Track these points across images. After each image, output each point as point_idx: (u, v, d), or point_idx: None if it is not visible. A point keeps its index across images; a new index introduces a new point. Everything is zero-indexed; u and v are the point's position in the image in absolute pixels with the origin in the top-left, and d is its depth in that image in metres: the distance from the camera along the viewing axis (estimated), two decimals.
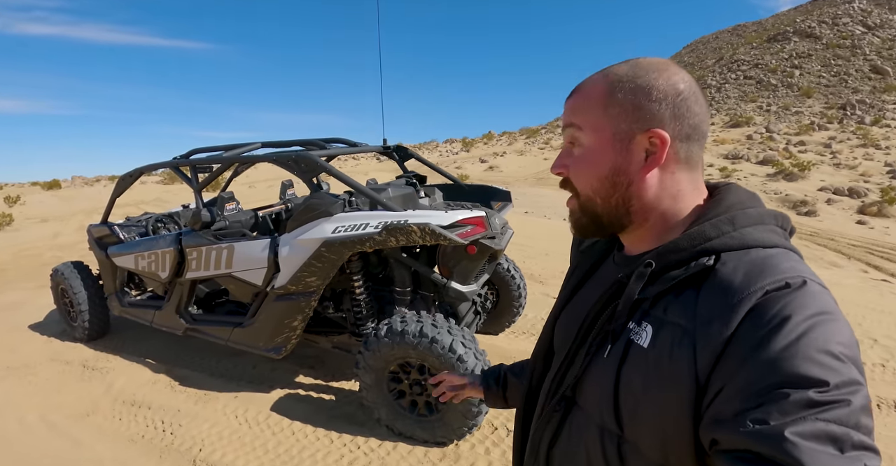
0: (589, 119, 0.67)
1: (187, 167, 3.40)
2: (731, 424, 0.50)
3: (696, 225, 0.64)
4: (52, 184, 24.37)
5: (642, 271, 0.63)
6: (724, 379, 0.52)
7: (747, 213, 0.63)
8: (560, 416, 0.73)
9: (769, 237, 0.61)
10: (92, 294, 4.16)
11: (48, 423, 3.09)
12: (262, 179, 20.52)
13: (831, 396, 0.47)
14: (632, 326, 0.63)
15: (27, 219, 14.07)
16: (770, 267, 0.55)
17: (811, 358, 0.48)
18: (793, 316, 0.50)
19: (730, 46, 54.45)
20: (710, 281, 0.58)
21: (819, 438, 0.46)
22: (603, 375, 0.65)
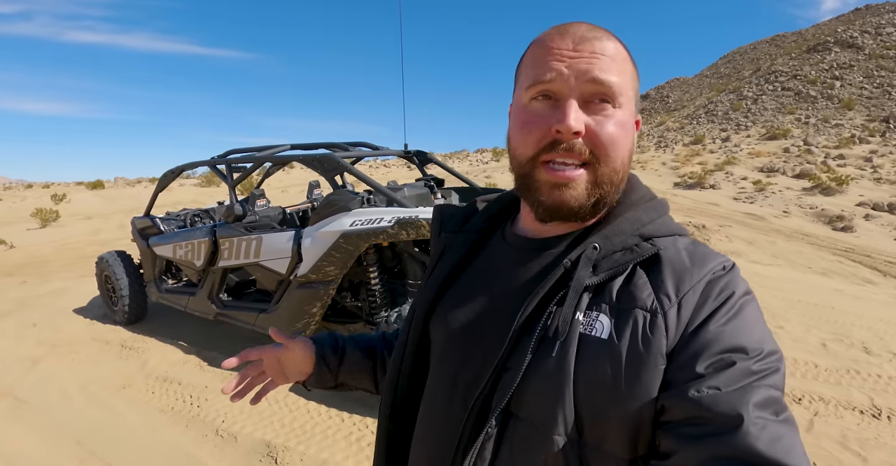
0: (629, 88, 0.61)
1: (223, 166, 3.67)
2: (681, 390, 0.51)
3: (622, 209, 0.65)
4: (95, 184, 25.43)
5: (589, 255, 0.60)
6: (679, 350, 0.53)
7: (659, 203, 0.67)
8: (497, 434, 0.59)
9: (677, 226, 0.66)
10: (132, 281, 4.46)
11: (87, 394, 3.35)
12: (294, 184, 21.06)
13: (766, 363, 0.51)
14: (579, 317, 0.58)
15: (72, 216, 14.80)
16: (707, 253, 0.60)
17: (748, 330, 0.53)
18: (734, 293, 0.56)
19: (768, 57, 53.31)
20: (658, 266, 0.58)
21: (763, 404, 0.48)
22: (555, 377, 0.56)
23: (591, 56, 0.58)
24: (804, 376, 3.25)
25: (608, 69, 0.58)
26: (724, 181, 17.73)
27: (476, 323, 0.68)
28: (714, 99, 40.79)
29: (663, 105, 63.85)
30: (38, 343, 4.29)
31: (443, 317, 0.72)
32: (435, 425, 0.69)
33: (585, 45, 0.59)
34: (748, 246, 9.32)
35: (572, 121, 0.57)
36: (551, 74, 0.59)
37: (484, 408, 0.61)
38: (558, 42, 0.60)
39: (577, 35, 0.60)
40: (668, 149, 27.21)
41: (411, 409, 0.76)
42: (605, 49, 0.59)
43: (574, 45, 0.59)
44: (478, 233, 0.78)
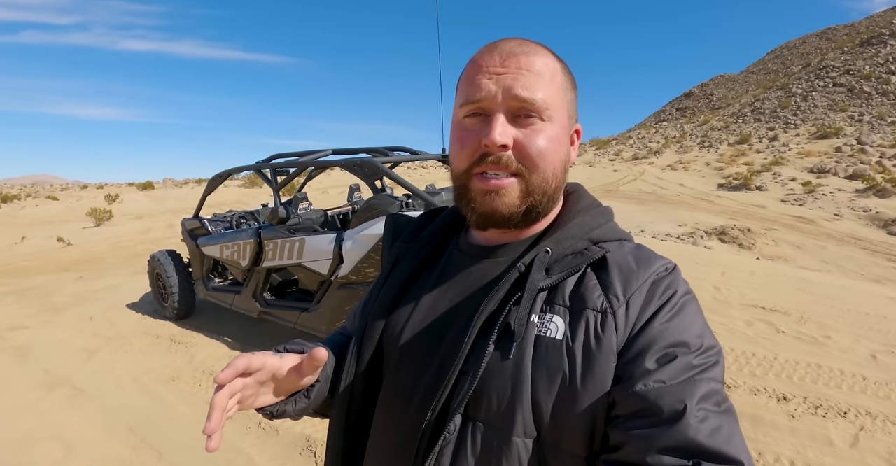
0: (556, 100, 0.63)
1: (268, 170, 3.82)
2: (628, 385, 0.54)
3: (571, 215, 0.68)
4: (145, 185, 26.59)
5: (542, 258, 0.62)
6: (627, 347, 0.56)
7: (606, 209, 0.72)
8: (456, 437, 0.60)
9: (623, 231, 0.70)
10: (182, 278, 4.68)
11: (140, 384, 3.54)
12: (334, 185, 21.49)
13: (706, 357, 0.55)
14: (534, 319, 0.60)
15: (123, 216, 15.55)
16: (651, 256, 0.64)
17: (690, 326, 0.57)
18: (677, 291, 0.60)
19: (818, 51, 50.98)
20: (606, 269, 0.62)
21: (705, 397, 0.51)
22: (511, 379, 0.58)
23: (516, 72, 0.61)
24: (851, 389, 3.11)
25: (533, 85, 0.61)
26: (772, 182, 17.09)
27: (432, 330, 0.68)
28: (761, 96, 39.26)
29: (707, 103, 61.96)
30: (94, 335, 4.55)
31: (397, 327, 0.72)
32: (391, 435, 0.68)
33: (511, 61, 0.61)
34: (796, 251, 8.97)
35: (497, 135, 0.59)
36: (480, 93, 0.61)
37: (442, 414, 0.61)
38: (487, 60, 0.62)
39: (504, 51, 0.62)
40: (712, 148, 26.40)
41: (365, 423, 0.74)
42: (532, 64, 0.61)
43: (501, 62, 0.62)
44: (431, 242, 0.79)
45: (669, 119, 60.54)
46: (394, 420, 0.68)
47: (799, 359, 3.50)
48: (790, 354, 3.59)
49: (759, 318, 4.34)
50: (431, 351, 0.67)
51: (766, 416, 2.82)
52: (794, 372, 3.33)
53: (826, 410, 2.87)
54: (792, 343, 3.83)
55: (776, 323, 4.23)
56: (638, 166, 24.33)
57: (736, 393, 3.06)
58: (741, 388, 3.13)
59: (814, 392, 3.08)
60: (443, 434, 0.59)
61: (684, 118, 54.05)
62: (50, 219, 15.66)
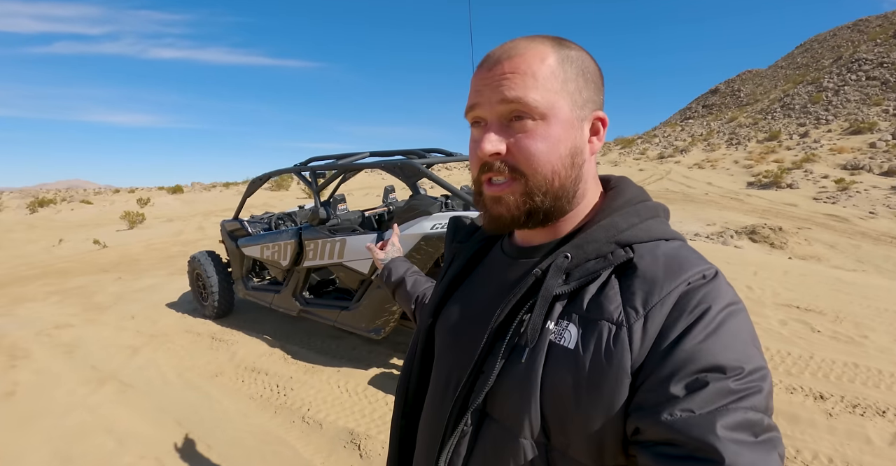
0: (548, 94, 0.61)
1: (308, 173, 3.94)
2: (654, 412, 0.50)
3: (603, 215, 0.65)
4: (175, 188, 27.21)
5: (560, 264, 0.61)
6: (650, 368, 0.52)
7: (647, 206, 0.66)
8: (472, 432, 0.64)
9: (667, 229, 0.64)
10: (222, 278, 4.84)
11: (184, 380, 3.68)
12: (358, 188, 21.74)
13: (746, 383, 0.49)
14: (550, 326, 0.59)
15: (155, 219, 15.95)
16: (685, 260, 0.58)
17: (728, 347, 0.51)
18: (712, 306, 0.53)
19: (850, 44, 49.42)
20: (631, 275, 0.58)
21: (739, 427, 0.47)
22: (523, 383, 0.59)
23: (501, 77, 0.61)
24: (889, 388, 3.09)
25: (518, 85, 0.60)
26: (803, 180, 16.70)
27: (464, 328, 0.72)
28: (790, 91, 38.27)
29: (734, 99, 60.66)
30: (137, 333, 4.74)
31: (443, 322, 0.78)
32: (429, 422, 0.74)
33: (497, 67, 0.61)
34: (830, 250, 8.78)
35: (486, 145, 0.61)
36: (473, 103, 0.64)
37: (463, 407, 0.64)
38: (479, 72, 0.64)
39: (492, 59, 0.62)
40: (741, 146, 25.87)
41: (420, 406, 0.80)
42: (517, 66, 0.60)
43: (489, 70, 0.62)
44: (482, 242, 0.82)
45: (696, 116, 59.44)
46: (432, 408, 0.74)
47: (835, 359, 3.47)
48: (826, 353, 3.56)
49: (794, 318, 4.30)
50: (462, 347, 0.70)
51: (804, 414, 2.81)
52: (830, 372, 3.30)
53: (864, 409, 2.85)
54: (828, 342, 3.79)
55: (811, 322, 4.19)
56: (664, 165, 24.00)
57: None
58: (777, 386, 3.12)
59: (851, 391, 3.06)
60: (460, 426, 0.63)
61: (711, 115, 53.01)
62: (85, 222, 16.21)
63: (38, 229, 14.60)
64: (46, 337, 4.72)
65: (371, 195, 17.19)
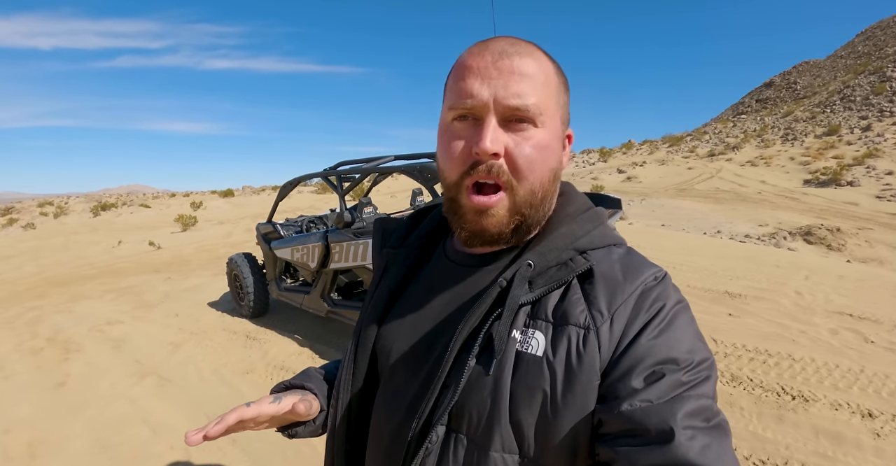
0: (551, 104, 0.60)
1: (334, 177, 4.01)
2: (615, 404, 0.52)
3: (557, 222, 0.65)
4: (226, 192, 28.32)
5: (523, 272, 0.60)
6: (613, 365, 0.54)
7: (596, 212, 0.67)
8: (438, 450, 0.60)
9: (614, 235, 0.67)
10: (257, 279, 5.00)
11: (218, 376, 3.82)
12: (402, 190, 21.98)
13: (695, 373, 0.53)
14: (516, 335, 0.58)
15: (207, 221, 16.65)
16: (638, 264, 0.61)
17: (679, 341, 0.54)
18: (665, 304, 0.57)
19: None
20: (592, 280, 0.59)
21: (693, 414, 0.50)
22: (491, 394, 0.57)
23: (508, 76, 0.57)
24: None
25: (526, 89, 0.57)
26: (865, 177, 15.68)
27: (420, 341, 0.68)
28: (851, 82, 35.99)
29: (790, 93, 57.69)
30: (180, 330, 4.96)
31: (389, 335, 0.72)
32: (383, 442, 0.68)
33: (504, 62, 0.57)
34: (893, 253, 8.19)
35: (489, 142, 0.56)
36: (470, 97, 0.58)
37: (426, 424, 0.61)
38: (478, 60, 0.58)
39: (496, 52, 0.58)
40: (797, 142, 24.56)
41: (365, 428, 0.74)
42: (525, 66, 0.57)
43: (493, 63, 0.57)
44: (418, 248, 0.78)
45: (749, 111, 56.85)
46: (385, 428, 0.69)
47: (889, 372, 3.22)
48: (879, 366, 3.31)
49: (846, 326, 4.03)
50: (419, 362, 0.67)
51: (849, 434, 2.62)
52: (882, 387, 3.06)
53: None
54: (882, 354, 3.53)
55: (865, 331, 3.91)
56: (714, 163, 23.08)
57: (814, 407, 2.86)
58: (820, 402, 2.92)
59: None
60: (424, 445, 0.60)
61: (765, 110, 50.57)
62: (143, 224, 17.12)
63: (100, 231, 15.53)
64: (98, 333, 5.01)
65: (397, 199, 17.37)
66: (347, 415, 0.74)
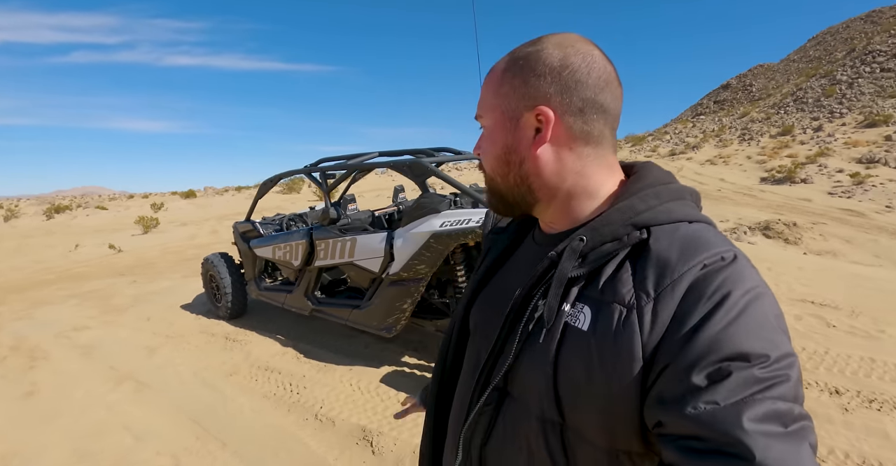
0: (486, 100, 0.68)
1: (318, 173, 3.98)
2: (677, 405, 0.48)
3: (621, 199, 0.63)
4: (188, 193, 27.54)
5: (574, 246, 0.61)
6: (668, 357, 0.50)
7: (669, 188, 0.64)
8: (492, 410, 0.67)
9: (691, 211, 0.62)
10: (235, 279, 4.90)
11: (200, 379, 3.74)
12: (368, 190, 21.84)
13: (773, 371, 0.47)
14: (566, 307, 0.60)
15: (169, 223, 16.12)
16: (703, 242, 0.55)
17: (752, 334, 0.48)
18: (733, 291, 0.51)
19: (863, 36, 48.58)
20: (645, 258, 0.57)
21: (766, 418, 0.45)
22: (539, 362, 0.60)
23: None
24: None
25: (480, 100, 0.70)
26: (818, 174, 16.44)
27: (493, 312, 0.74)
28: (803, 85, 37.73)
29: (746, 94, 60.00)
30: (154, 334, 4.81)
31: (476, 308, 0.81)
32: (459, 399, 0.78)
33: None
34: (846, 245, 8.64)
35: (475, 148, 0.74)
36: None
37: (485, 385, 0.68)
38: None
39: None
40: (753, 141, 25.56)
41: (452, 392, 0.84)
42: (485, 79, 0.70)
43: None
44: (516, 232, 0.84)
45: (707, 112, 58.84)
46: (463, 386, 0.79)
47: (851, 353, 3.43)
48: (841, 348, 3.52)
49: (809, 313, 4.25)
50: (488, 329, 0.73)
51: (819, 410, 2.79)
52: (846, 367, 3.27)
53: (881, 404, 2.81)
54: (843, 337, 3.75)
55: (826, 317, 4.14)
56: (675, 162, 23.78)
57: None
58: None
59: (868, 385, 3.02)
60: (479, 403, 0.67)
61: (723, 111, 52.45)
62: (100, 227, 16.45)
63: (56, 234, 14.86)
64: (65, 339, 4.82)
65: (382, 197, 17.27)
66: (441, 378, 0.88)
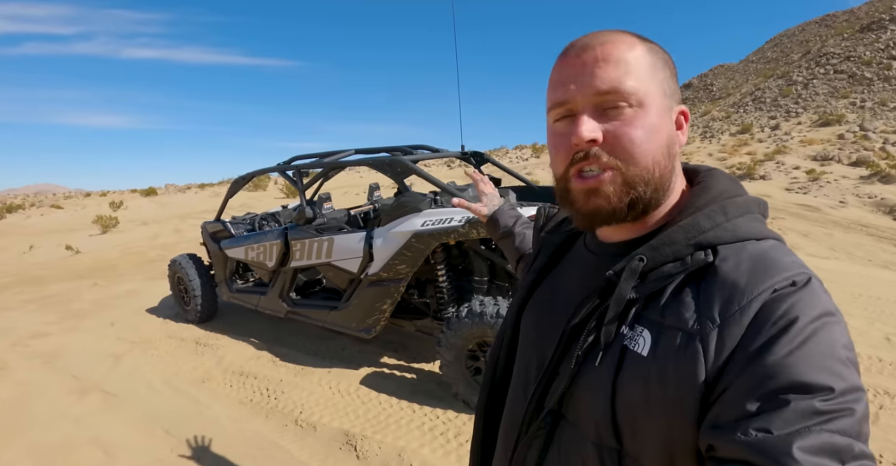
0: (643, 83, 0.58)
1: (292, 172, 3.87)
2: (729, 430, 0.46)
3: (686, 213, 0.60)
4: (149, 191, 26.56)
5: (634, 267, 0.58)
6: (727, 382, 0.49)
7: (736, 202, 0.60)
8: (546, 433, 0.64)
9: (759, 228, 0.59)
10: (204, 281, 4.73)
11: (171, 387, 3.60)
12: (338, 187, 21.55)
13: (836, 404, 0.44)
14: (625, 330, 0.57)
15: (130, 222, 15.50)
16: (773, 264, 0.53)
17: (816, 364, 0.46)
18: (800, 317, 0.48)
19: (818, 39, 50.72)
20: (711, 280, 0.54)
21: (821, 451, 0.43)
22: (596, 387, 0.58)
23: (593, 66, 0.58)
24: (868, 370, 3.25)
25: (612, 74, 0.58)
26: (775, 171, 17.09)
27: (544, 323, 0.71)
28: (761, 85, 39.12)
29: (707, 93, 61.76)
30: (119, 340, 4.61)
31: (527, 313, 0.78)
32: (509, 415, 0.74)
33: (586, 55, 0.59)
34: (803, 239, 9.01)
35: (584, 132, 0.58)
36: (562, 96, 0.61)
37: (538, 406, 0.65)
38: (564, 60, 0.61)
39: (578, 47, 0.60)
40: (714, 139, 26.38)
41: (506, 390, 0.80)
42: (608, 54, 0.58)
43: (577, 57, 0.60)
44: (567, 234, 0.81)
45: None
46: (513, 397, 0.75)
47: None
48: None
49: None
50: (541, 345, 0.70)
51: None
52: None
53: None
54: None
55: None
56: None
57: None
58: None
59: None
60: (534, 426, 0.64)
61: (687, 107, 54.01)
62: (56, 227, 15.72)
63: (8, 236, 14.13)
64: (24, 348, 4.57)
65: (350, 194, 17.07)
66: (493, 374, 0.83)
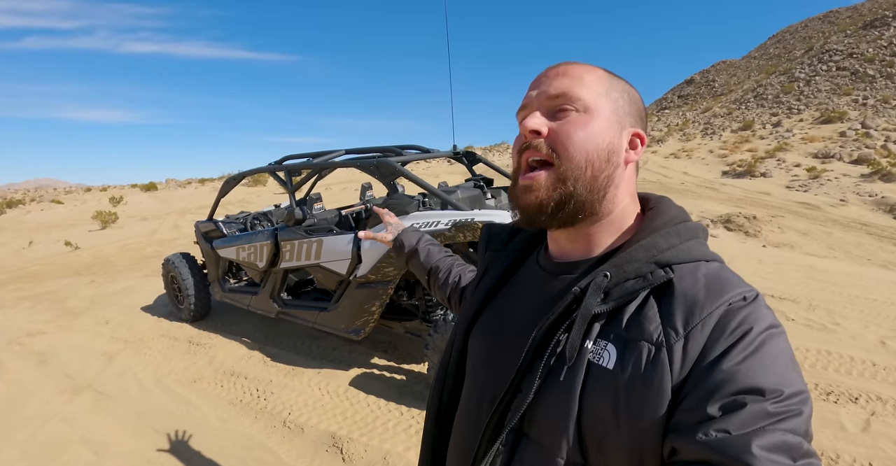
0: (592, 94, 0.64)
1: (282, 171, 3.86)
2: (690, 432, 0.50)
3: (643, 234, 0.64)
4: (149, 186, 26.58)
5: (599, 282, 0.60)
6: (689, 388, 0.52)
7: (687, 226, 0.65)
8: (508, 451, 0.64)
9: (706, 250, 0.64)
10: (197, 281, 4.73)
11: (162, 387, 3.61)
12: (336, 182, 21.52)
13: (785, 406, 0.48)
14: (588, 345, 0.59)
15: (129, 218, 15.53)
16: (726, 282, 0.57)
17: (768, 369, 0.50)
18: (753, 327, 0.53)
19: (821, 35, 50.43)
20: (671, 295, 0.57)
21: (777, 449, 0.46)
22: (560, 403, 0.59)
23: (554, 78, 0.66)
24: (861, 375, 3.18)
25: (564, 83, 0.65)
26: (776, 169, 17.03)
27: (500, 342, 0.72)
28: (763, 82, 38.94)
29: (709, 90, 61.52)
30: (113, 339, 4.62)
31: (477, 334, 0.78)
32: (462, 434, 0.74)
33: (552, 71, 0.67)
34: (802, 238, 8.98)
35: (530, 123, 0.64)
36: (525, 101, 0.68)
37: (499, 425, 0.65)
38: (536, 77, 0.69)
39: (550, 67, 0.69)
40: (716, 136, 26.26)
41: (453, 415, 0.81)
42: (569, 70, 0.66)
43: (544, 75, 0.68)
44: (517, 252, 0.82)
45: (671, 106, 60.16)
46: (466, 420, 0.75)
47: (809, 346, 3.56)
48: (800, 341, 3.65)
49: (770, 307, 4.40)
50: (498, 363, 0.70)
51: None
52: (804, 359, 3.38)
53: (837, 396, 2.92)
54: (801, 330, 3.88)
55: (785, 310, 4.28)
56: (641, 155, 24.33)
57: None
58: None
59: (825, 378, 3.14)
60: (496, 445, 0.63)
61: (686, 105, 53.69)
62: (56, 222, 15.73)
63: (7, 231, 14.16)
64: (19, 346, 4.59)
65: (349, 190, 17.05)
66: (440, 398, 0.83)
